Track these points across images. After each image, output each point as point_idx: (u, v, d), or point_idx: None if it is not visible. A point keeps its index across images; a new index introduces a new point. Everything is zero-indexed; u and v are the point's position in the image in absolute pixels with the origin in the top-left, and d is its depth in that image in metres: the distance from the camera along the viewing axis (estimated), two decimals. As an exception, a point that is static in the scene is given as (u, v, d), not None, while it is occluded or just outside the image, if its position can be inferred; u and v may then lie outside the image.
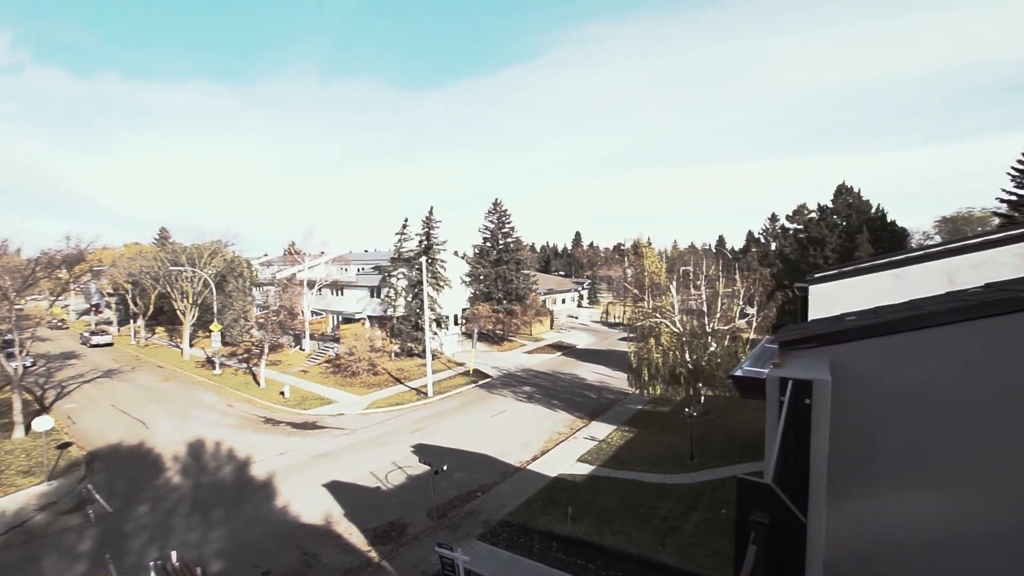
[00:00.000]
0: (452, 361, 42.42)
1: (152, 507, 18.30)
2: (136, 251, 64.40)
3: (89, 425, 27.32)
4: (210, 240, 51.13)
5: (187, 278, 46.47)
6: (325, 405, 30.61)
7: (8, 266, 31.47)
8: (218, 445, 24.26)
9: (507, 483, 19.98)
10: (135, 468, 21.82)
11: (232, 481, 20.44)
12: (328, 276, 49.49)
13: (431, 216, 43.40)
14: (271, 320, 37.40)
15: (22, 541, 16.20)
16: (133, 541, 16.10)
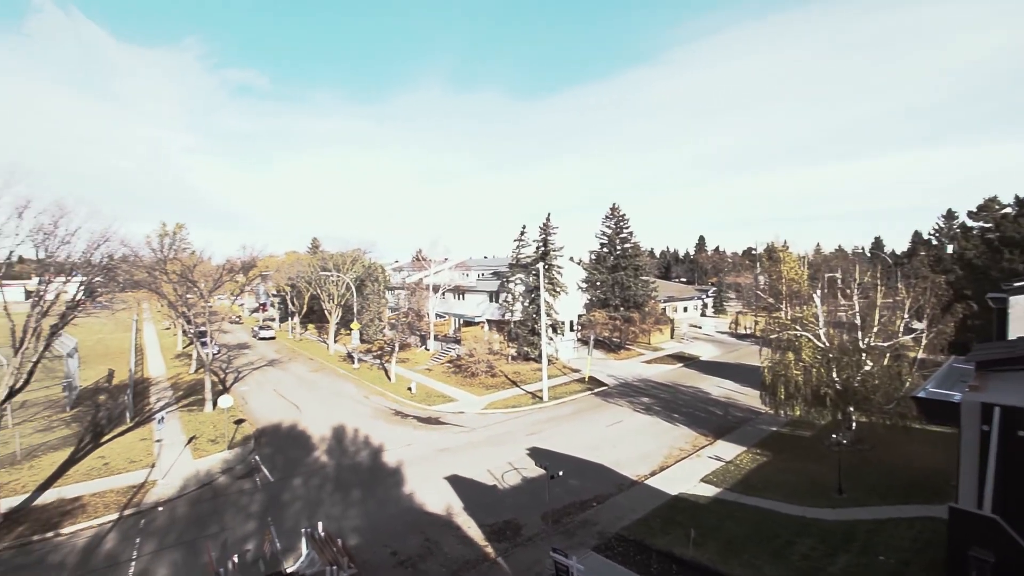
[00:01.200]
0: (567, 367, 42.33)
1: (304, 481, 20.88)
2: (294, 258, 74.58)
3: (257, 405, 32.12)
4: (352, 248, 57.27)
5: (333, 282, 52.56)
6: (447, 403, 32.41)
7: (204, 271, 38.37)
8: (356, 432, 26.95)
9: (623, 496, 19.30)
10: (291, 445, 25.11)
11: (368, 466, 22.52)
12: (451, 281, 52.55)
13: (548, 223, 43.90)
14: (401, 321, 40.69)
15: (210, 497, 19.49)
16: (289, 509, 18.50)
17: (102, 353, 48.91)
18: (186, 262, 38.47)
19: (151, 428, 26.73)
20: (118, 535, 16.72)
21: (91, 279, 21.28)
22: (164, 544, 16.13)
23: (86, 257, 20.34)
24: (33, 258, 19.51)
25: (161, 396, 34.59)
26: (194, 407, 31.07)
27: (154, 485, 20.21)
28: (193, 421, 28.37)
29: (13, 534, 16.41)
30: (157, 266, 33.23)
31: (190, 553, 15.59)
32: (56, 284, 19.57)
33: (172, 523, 17.49)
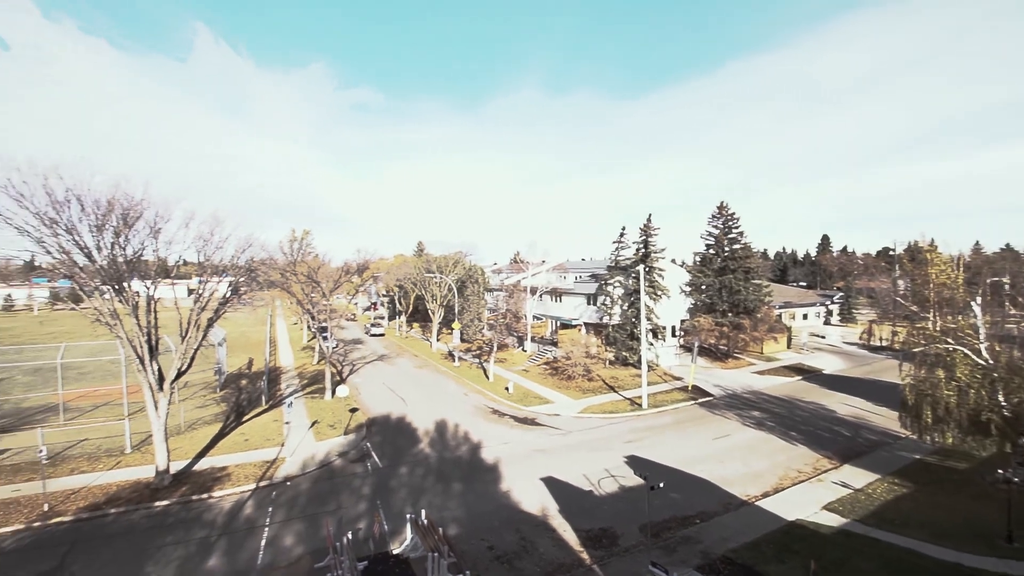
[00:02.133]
0: (668, 374, 40.41)
1: (409, 470, 22.16)
2: (401, 261, 79.83)
3: (369, 396, 34.78)
4: (454, 251, 59.88)
5: (436, 283, 55.33)
6: (543, 404, 32.53)
7: (325, 273, 42.43)
8: (457, 427, 28.05)
9: (730, 516, 17.91)
10: (398, 435, 26.81)
11: (467, 460, 23.32)
12: (548, 283, 52.74)
13: (649, 224, 42.30)
14: (499, 322, 41.65)
15: (328, 477, 21.45)
16: (395, 494, 19.74)
17: (243, 344, 56.19)
18: (311, 264, 42.87)
19: (282, 411, 30.12)
20: (255, 502, 19.02)
21: (237, 279, 24.53)
22: (291, 515, 18.05)
23: (234, 260, 23.49)
24: (194, 261, 22.94)
25: (289, 383, 38.87)
26: (316, 395, 34.48)
27: (283, 462, 22.72)
28: (315, 407, 31.49)
29: (178, 493, 19.41)
30: (288, 268, 37.44)
31: (311, 526, 17.26)
32: (211, 283, 22.85)
33: (297, 497, 19.51)
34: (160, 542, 16.22)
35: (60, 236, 18.05)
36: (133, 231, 19.47)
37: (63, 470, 21.18)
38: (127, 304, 19.43)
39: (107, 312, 19.04)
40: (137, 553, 15.57)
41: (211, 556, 15.50)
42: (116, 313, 19.20)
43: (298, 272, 37.09)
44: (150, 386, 20.10)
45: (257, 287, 28.83)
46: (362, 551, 15.12)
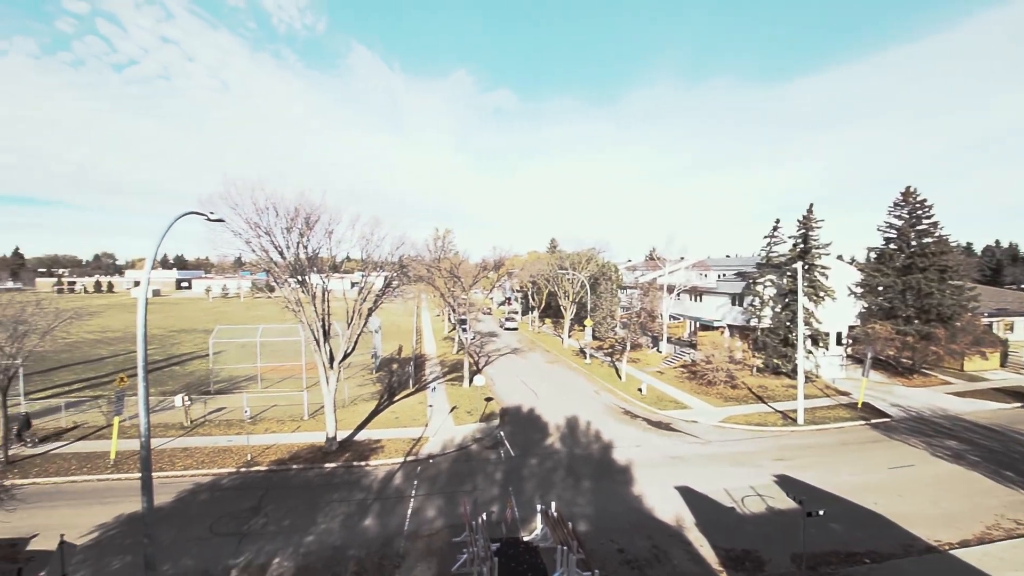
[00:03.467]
0: (832, 388, 35.33)
1: (539, 462, 22.63)
2: (535, 258, 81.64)
3: (502, 387, 36.27)
4: (586, 248, 59.50)
5: (569, 280, 55.53)
6: (679, 409, 30.74)
7: (465, 269, 45.22)
8: (588, 425, 27.89)
9: (911, 562, 15.01)
10: (529, 427, 27.53)
11: (597, 459, 23.05)
12: (687, 281, 49.63)
13: (810, 215, 37.29)
14: (633, 321, 40.33)
15: (465, 459, 22.89)
16: (526, 483, 20.31)
17: (394, 332, 62.59)
18: (453, 261, 46.09)
19: (426, 395, 32.92)
20: (403, 474, 21.09)
21: (392, 274, 27.38)
22: (432, 490, 19.64)
23: (390, 257, 26.27)
24: (357, 258, 26.14)
25: (432, 370, 42.30)
26: (455, 382, 37.00)
27: (426, 441, 24.81)
28: (455, 393, 33.82)
29: (343, 458, 22.36)
30: (433, 264, 40.73)
31: (449, 502, 18.57)
32: (371, 277, 25.84)
33: (438, 474, 21.15)
34: (329, 498, 18.86)
35: (261, 237, 21.91)
36: (313, 232, 22.85)
37: (260, 428, 25.77)
38: (308, 294, 22.91)
39: (293, 300, 22.64)
40: (311, 505, 18.30)
41: (367, 516, 17.56)
42: (300, 301, 22.73)
43: (441, 268, 40.12)
44: (323, 364, 23.44)
45: (407, 281, 31.84)
46: (494, 533, 15.83)
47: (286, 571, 14.46)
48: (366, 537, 16.25)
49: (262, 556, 15.18)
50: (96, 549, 15.40)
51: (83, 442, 23.93)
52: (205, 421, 27.05)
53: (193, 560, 14.92)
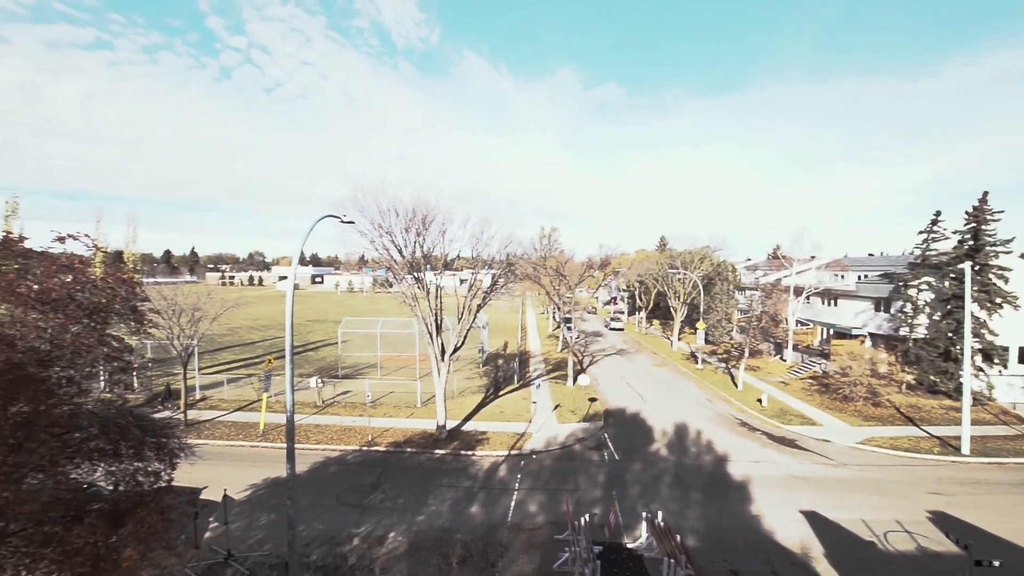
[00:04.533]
0: (1012, 415, 29.41)
1: (644, 468, 21.77)
2: (642, 256, 78.75)
3: (607, 388, 35.51)
4: (700, 246, 55.99)
5: (679, 279, 52.71)
6: (806, 425, 27.65)
7: (570, 268, 44.99)
8: (698, 434, 26.25)
9: None
10: (634, 431, 26.61)
11: (709, 471, 21.59)
12: (819, 283, 44.49)
13: (984, 205, 31.28)
14: (752, 325, 37.12)
15: (567, 458, 22.78)
16: (629, 489, 19.65)
17: (500, 328, 64.28)
18: (558, 259, 46.12)
19: (530, 391, 33.34)
20: (507, 467, 21.57)
21: (499, 272, 28.13)
22: (535, 485, 19.82)
23: (498, 255, 27.02)
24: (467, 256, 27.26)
25: (536, 367, 42.73)
26: (559, 380, 37.01)
27: (530, 437, 25.11)
28: (558, 392, 33.83)
29: (451, 446, 23.49)
30: (539, 262, 41.10)
31: (551, 499, 18.60)
32: (480, 275, 26.78)
33: (540, 470, 21.30)
34: (438, 482, 19.91)
35: (383, 237, 23.77)
36: (428, 232, 24.27)
37: (379, 412, 28.00)
38: (423, 290, 24.39)
39: (410, 295, 24.25)
40: (423, 487, 19.47)
41: (473, 503, 18.24)
42: (415, 297, 24.28)
43: (547, 266, 40.34)
44: (436, 356, 24.80)
45: (514, 279, 32.51)
46: (597, 536, 15.53)
47: (400, 545, 15.54)
48: (472, 523, 16.88)
49: (380, 529, 16.47)
50: (248, 504, 17.86)
51: (239, 413, 27.92)
52: (334, 402, 30.09)
53: (323, 525, 16.65)
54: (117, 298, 8.65)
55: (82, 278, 8.43)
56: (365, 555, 15.07)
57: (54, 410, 7.63)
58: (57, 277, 8.07)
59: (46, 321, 7.76)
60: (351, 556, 15.04)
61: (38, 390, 7.33)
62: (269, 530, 16.35)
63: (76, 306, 8.06)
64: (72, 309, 8.01)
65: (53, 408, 7.64)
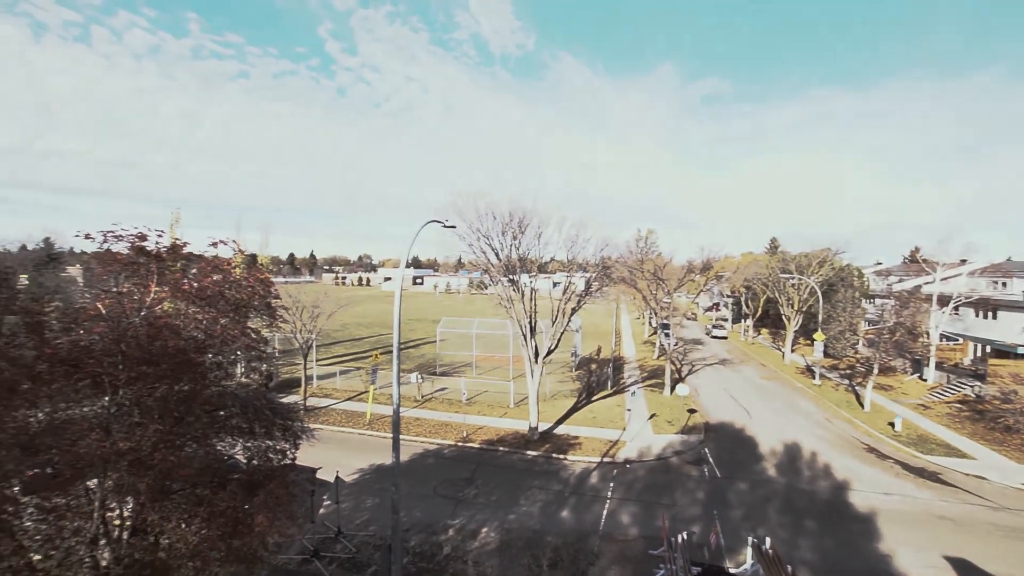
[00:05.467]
0: None
1: (750, 488, 20.15)
2: (750, 259, 73.10)
3: (707, 400, 33.43)
4: (818, 248, 50.71)
5: (794, 285, 48.15)
6: (953, 457, 23.80)
7: (669, 271, 43.05)
8: (814, 456, 23.75)
9: None
10: (738, 447, 24.75)
11: (826, 499, 19.43)
12: (971, 291, 38.19)
13: None
14: (884, 338, 32.80)
15: (663, 470, 21.80)
16: (732, 509, 18.30)
17: (593, 333, 63.29)
18: (656, 262, 44.35)
19: (624, 398, 32.44)
20: (599, 474, 21.16)
21: (594, 275, 27.73)
22: (628, 495, 19.22)
23: (593, 258, 26.67)
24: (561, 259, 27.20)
25: (631, 373, 41.45)
26: (655, 388, 35.56)
27: (623, 445, 24.41)
28: (654, 400, 32.52)
29: (543, 448, 23.58)
30: (635, 266, 39.86)
31: (645, 512, 17.90)
32: (575, 278, 26.62)
33: (634, 481, 20.61)
34: (530, 483, 20.08)
35: (480, 240, 24.56)
36: (524, 235, 24.64)
37: (473, 410, 28.91)
38: (518, 292, 24.80)
39: (505, 297, 24.78)
40: (515, 486, 19.75)
41: (564, 508, 18.14)
42: (511, 299, 24.76)
43: (644, 269, 39.01)
44: (529, 358, 25.07)
45: (609, 283, 31.87)
46: (695, 555, 14.66)
47: (492, 541, 15.90)
48: (562, 527, 16.79)
49: (473, 523, 17.00)
50: (356, 487, 19.38)
51: (349, 402, 30.42)
52: (432, 397, 31.64)
53: (421, 513, 17.57)
54: (256, 296, 9.86)
55: (229, 278, 9.72)
56: (459, 547, 15.64)
57: (207, 390, 8.89)
58: (210, 277, 9.38)
59: (202, 314, 9.06)
60: (446, 546, 15.68)
61: (196, 372, 8.58)
62: (373, 513, 17.59)
63: (224, 302, 9.32)
64: (221, 304, 9.27)
65: (206, 388, 8.89)
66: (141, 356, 7.81)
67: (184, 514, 8.88)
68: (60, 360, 7.50)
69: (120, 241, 9.13)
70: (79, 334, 8.40)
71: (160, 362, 7.93)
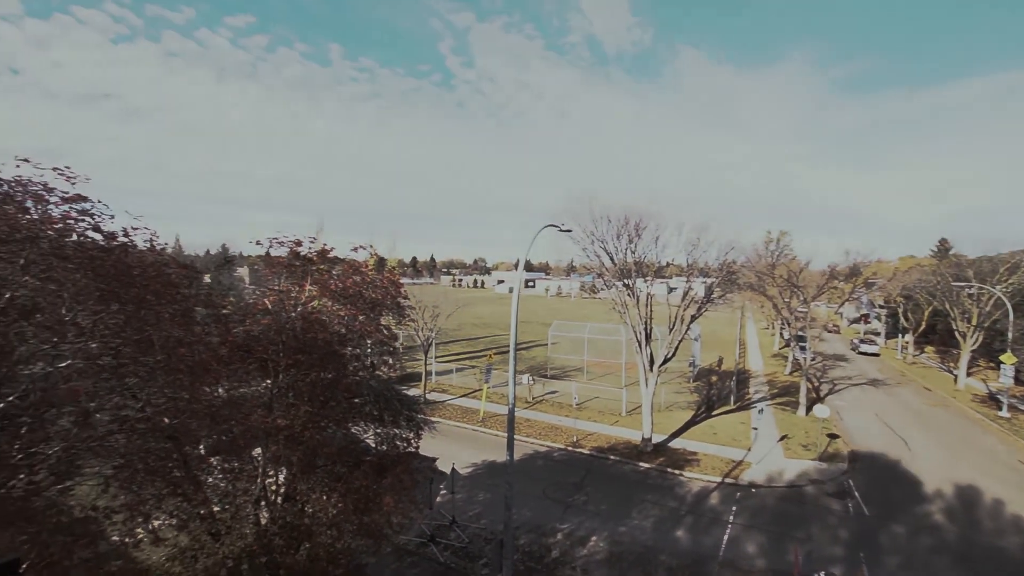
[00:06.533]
0: None
1: (908, 533, 17.22)
2: (911, 264, 62.76)
3: (853, 425, 29.29)
4: (1007, 251, 41.86)
5: (972, 296, 40.36)
6: None
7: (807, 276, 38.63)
8: (997, 505, 19.60)
9: None
10: (892, 483, 21.31)
11: (1019, 558, 15.91)
12: None
13: None
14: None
15: (796, 500, 19.53)
16: (885, 556, 15.77)
17: (713, 342, 59.00)
18: (790, 267, 40.03)
19: (749, 415, 29.70)
20: (719, 495, 19.63)
21: (716, 280, 25.86)
22: (753, 523, 17.54)
23: (716, 263, 24.90)
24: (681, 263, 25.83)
25: (758, 389, 37.87)
26: (787, 407, 32.08)
27: (748, 467, 22.37)
28: (785, 420, 29.35)
29: (657, 461, 22.53)
30: (766, 271, 36.38)
31: (773, 543, 16.18)
32: (695, 283, 25.09)
33: (761, 508, 18.75)
34: (642, 496, 19.30)
35: (595, 243, 24.24)
36: (640, 238, 23.82)
37: (584, 415, 28.59)
38: (633, 297, 24.04)
39: (619, 302, 24.16)
40: (626, 497, 19.12)
41: (679, 527, 17.13)
42: (625, 304, 24.08)
43: (775, 275, 35.49)
44: (643, 366, 24.15)
45: (734, 289, 29.54)
46: (837, 602, 12.92)
47: (600, 551, 15.56)
48: (677, 547, 15.87)
49: (582, 530, 16.79)
50: (469, 480, 20.24)
51: (464, 399, 31.90)
52: (542, 399, 31.93)
53: (530, 513, 17.79)
54: (388, 296, 10.78)
55: (366, 279, 10.75)
56: (568, 552, 15.54)
57: (347, 379, 9.92)
58: (351, 278, 10.46)
59: (344, 311, 10.13)
60: (554, 549, 15.69)
61: (339, 363, 9.63)
62: (485, 507, 18.22)
63: (362, 301, 10.33)
64: (360, 303, 10.29)
65: (346, 378, 9.93)
66: (297, 346, 8.97)
67: (325, 488, 10.00)
68: (237, 346, 8.90)
69: (281, 247, 10.56)
70: (250, 325, 9.90)
71: (311, 352, 9.03)
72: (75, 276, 6.69)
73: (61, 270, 6.61)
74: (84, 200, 7.41)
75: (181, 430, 8.01)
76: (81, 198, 7.41)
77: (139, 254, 8.00)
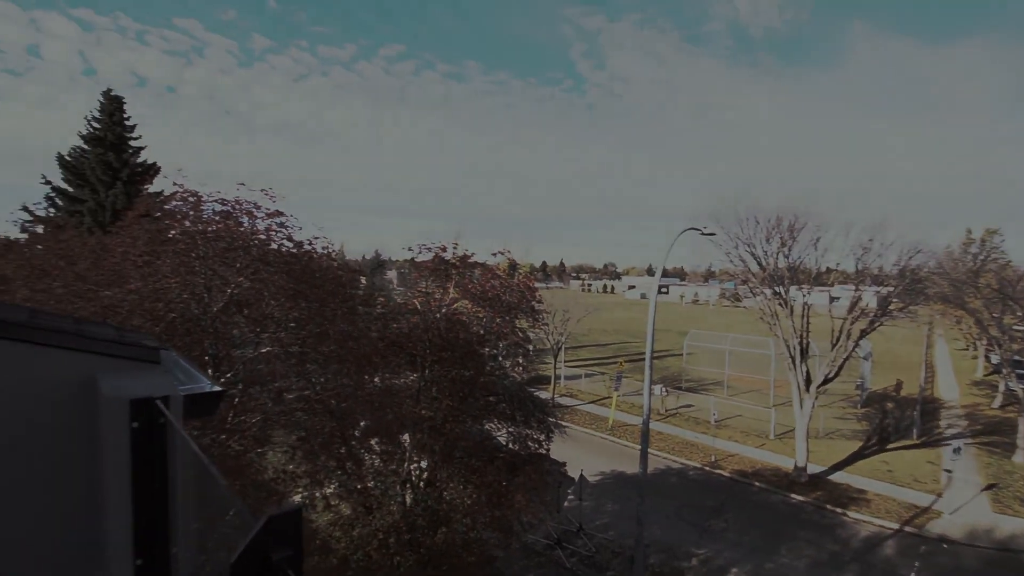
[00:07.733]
0: None
1: None
2: None
3: (1101, 482, 22.59)
4: None
5: None
6: None
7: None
8: None
9: None
10: None
11: None
12: None
13: None
14: None
15: (1008, 566, 15.65)
16: None
17: (888, 362, 50.07)
18: (1001, 275, 32.35)
19: (939, 453, 24.66)
20: (896, 546, 16.59)
21: (897, 290, 21.95)
22: (946, 586, 14.50)
23: (896, 268, 21.18)
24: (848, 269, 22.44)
25: (952, 423, 31.24)
26: (995, 448, 25.92)
27: (938, 516, 18.54)
28: (993, 465, 23.76)
29: (814, 495, 19.82)
30: (965, 279, 29.92)
31: (978, 617, 13.18)
32: (868, 293, 21.61)
33: (955, 569, 15.42)
34: (794, 533, 17.14)
35: (740, 247, 22.24)
36: (795, 241, 21.27)
37: (723, 434, 26.32)
38: (785, 307, 21.56)
39: (769, 312, 21.84)
40: (774, 531, 17.14)
41: (841, 574, 14.85)
42: (776, 314, 21.69)
43: (979, 284, 29.02)
44: (798, 385, 21.47)
45: (920, 300, 24.77)
46: None
47: (744, 587, 14.17)
48: (839, 599, 13.78)
49: (721, 559, 15.46)
50: (597, 489, 19.90)
51: (592, 405, 31.51)
52: (676, 413, 30.17)
53: (661, 532, 16.88)
54: (523, 299, 11.13)
55: (504, 283, 11.23)
56: (704, 580, 14.44)
57: (483, 377, 10.47)
58: (490, 282, 11.02)
59: (483, 313, 10.71)
60: (688, 574, 14.68)
61: (477, 361, 10.22)
62: (613, 518, 17.76)
63: (500, 303, 10.82)
64: (498, 305, 10.79)
65: (483, 376, 10.48)
66: (441, 343, 9.71)
67: (462, 478, 10.64)
68: (391, 342, 9.94)
69: (428, 252, 11.53)
70: (401, 323, 10.97)
71: (453, 349, 9.71)
72: (275, 277, 8.11)
73: (265, 272, 8.06)
74: (281, 215, 8.93)
75: (346, 412, 9.19)
76: (279, 213, 8.95)
77: (319, 259, 9.38)
